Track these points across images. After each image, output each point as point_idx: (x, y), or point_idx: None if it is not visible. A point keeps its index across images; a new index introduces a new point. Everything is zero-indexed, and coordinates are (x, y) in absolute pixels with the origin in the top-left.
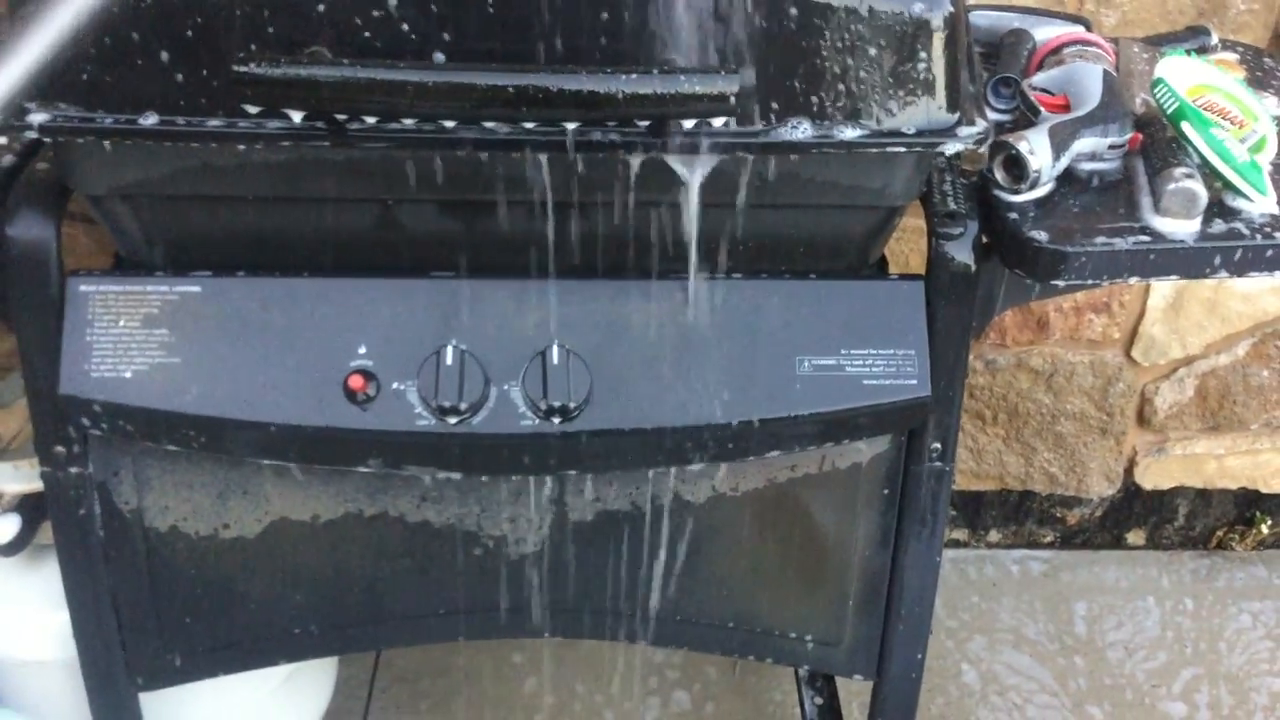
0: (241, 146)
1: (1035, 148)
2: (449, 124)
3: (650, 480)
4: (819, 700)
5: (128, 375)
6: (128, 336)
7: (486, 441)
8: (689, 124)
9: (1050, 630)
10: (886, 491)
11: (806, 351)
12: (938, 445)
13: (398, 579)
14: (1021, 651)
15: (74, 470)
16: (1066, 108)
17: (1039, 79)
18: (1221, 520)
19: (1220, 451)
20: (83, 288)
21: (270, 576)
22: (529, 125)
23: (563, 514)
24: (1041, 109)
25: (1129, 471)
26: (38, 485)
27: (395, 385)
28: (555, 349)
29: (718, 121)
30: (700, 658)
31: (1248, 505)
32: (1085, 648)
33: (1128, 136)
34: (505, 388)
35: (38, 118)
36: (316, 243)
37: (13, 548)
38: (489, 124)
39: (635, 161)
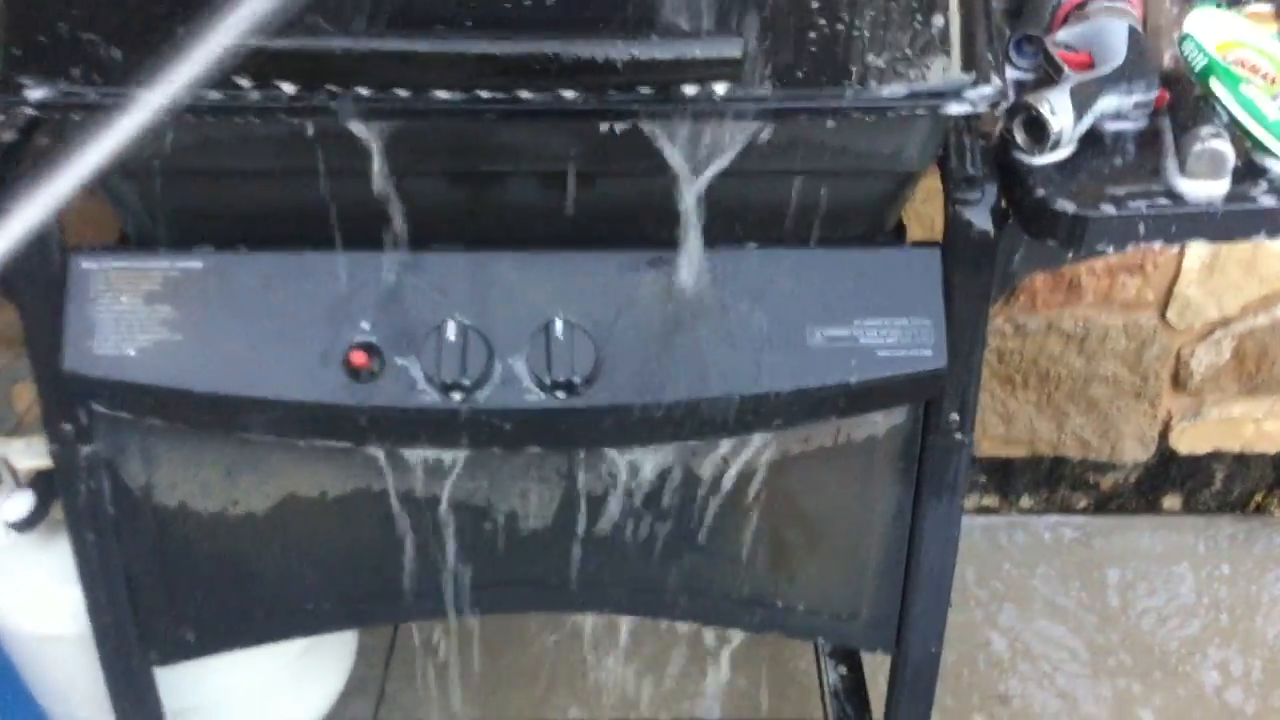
0: (239, 120)
1: (1056, 108)
2: (443, 94)
3: (661, 454)
4: (843, 671)
5: (131, 352)
6: (130, 313)
7: (491, 417)
8: (692, 89)
9: (1083, 598)
10: (903, 463)
11: (818, 322)
12: (955, 416)
13: (408, 554)
14: (1053, 620)
15: (81, 447)
16: (1090, 65)
17: (1063, 35)
18: (1259, 484)
19: (1258, 415)
20: (85, 264)
21: (280, 552)
22: (525, 95)
23: (571, 489)
24: (1064, 67)
25: (1164, 436)
26: (50, 461)
27: (398, 361)
28: (560, 323)
29: (721, 87)
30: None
31: None
32: (1118, 616)
33: (1154, 94)
34: (509, 362)
35: (36, 94)
36: (318, 217)
37: (27, 524)
38: (485, 93)
39: (637, 129)
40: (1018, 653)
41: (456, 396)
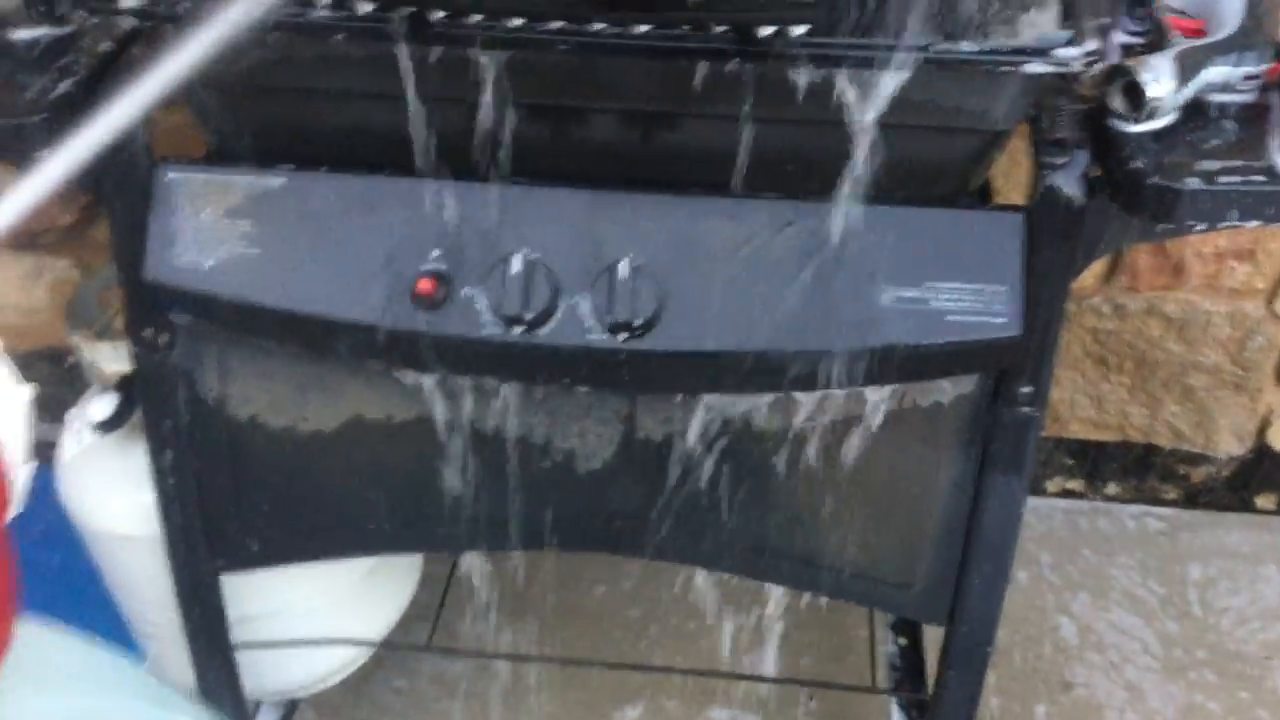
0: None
1: (1157, 74)
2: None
3: (719, 404)
4: (902, 642)
5: (209, 264)
6: (211, 226)
7: (550, 353)
8: (766, 31)
9: (1161, 592)
10: (970, 434)
11: (890, 281)
12: (1027, 389)
13: (465, 483)
14: (1127, 611)
15: (160, 355)
16: (1202, 32)
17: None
18: None
19: None
20: (170, 175)
21: (344, 471)
22: (597, 27)
23: (630, 432)
24: (1172, 32)
25: (1262, 431)
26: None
27: (465, 290)
28: (626, 264)
29: (798, 31)
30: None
31: None
32: (1196, 613)
33: (1266, 67)
34: (574, 300)
35: (129, 2)
36: (396, 143)
37: (110, 425)
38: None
39: (712, 70)
40: (1088, 641)
41: (518, 330)
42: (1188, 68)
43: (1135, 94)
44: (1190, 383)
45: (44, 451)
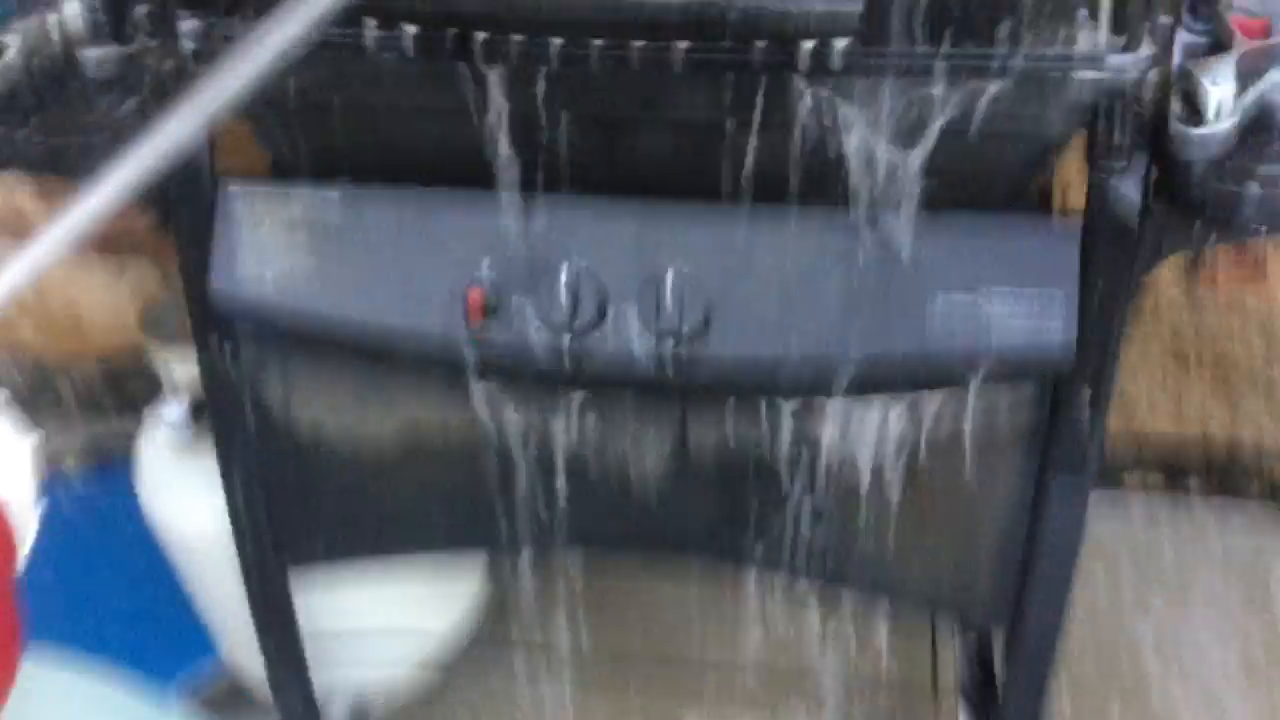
0: (366, 59)
1: (1218, 78)
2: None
3: (773, 410)
4: (970, 637)
5: (270, 276)
6: (271, 239)
7: (600, 360)
8: (810, 44)
9: (1245, 597)
10: (1029, 440)
11: (943, 286)
12: (1087, 396)
13: (519, 487)
14: (1208, 617)
15: (226, 362)
16: (1268, 32)
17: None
18: None
19: None
20: (232, 189)
21: (404, 474)
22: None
23: (683, 438)
24: (1236, 33)
25: None
26: None
27: (515, 299)
28: (673, 273)
29: (840, 44)
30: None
31: None
32: (1278, 615)
33: None
34: (621, 308)
35: (188, 25)
36: (448, 157)
37: (183, 428)
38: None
39: (754, 82)
40: (1165, 647)
41: (566, 338)
42: (1250, 71)
43: (1195, 98)
44: (1274, 378)
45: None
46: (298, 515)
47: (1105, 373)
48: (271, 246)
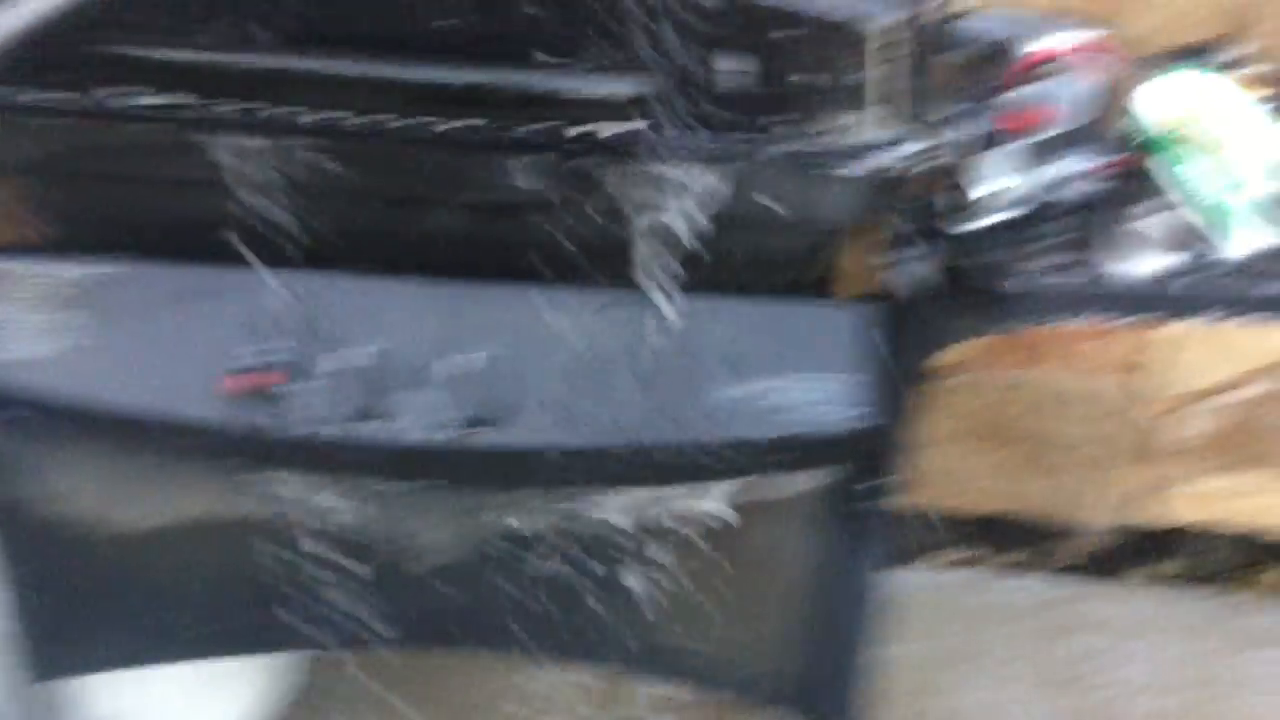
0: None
1: (984, 175)
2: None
3: (565, 496)
4: None
5: (12, 358)
6: (17, 317)
7: (386, 449)
8: (583, 128)
9: (1043, 665)
10: (825, 522)
11: (736, 374)
12: (880, 478)
13: (301, 583)
14: (1007, 684)
15: None
16: (1044, 125)
17: (1020, 92)
18: (1227, 562)
19: (1228, 490)
20: None
21: (163, 574)
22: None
23: (470, 528)
24: (1006, 130)
25: (1130, 506)
26: None
27: (297, 385)
28: (449, 361)
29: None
30: None
31: (1255, 547)
32: (1077, 685)
33: (1106, 161)
34: (409, 394)
35: None
36: (225, 234)
37: None
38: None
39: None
40: (969, 716)
41: (354, 425)
42: (1020, 165)
43: (959, 195)
44: (1057, 460)
45: None
46: (46, 623)
47: (900, 454)
48: (28, 325)
